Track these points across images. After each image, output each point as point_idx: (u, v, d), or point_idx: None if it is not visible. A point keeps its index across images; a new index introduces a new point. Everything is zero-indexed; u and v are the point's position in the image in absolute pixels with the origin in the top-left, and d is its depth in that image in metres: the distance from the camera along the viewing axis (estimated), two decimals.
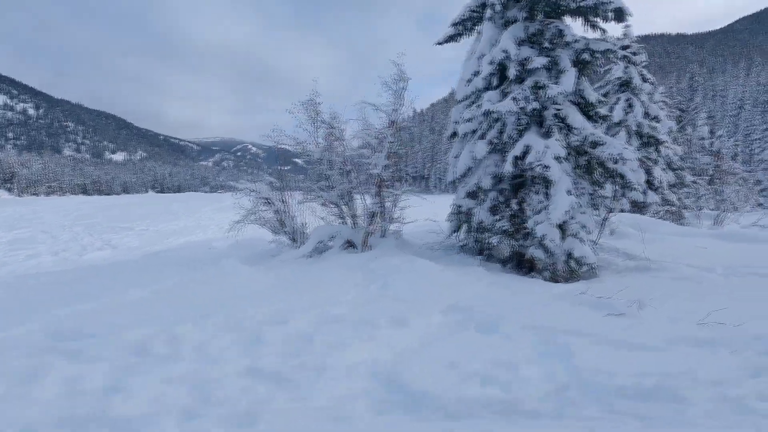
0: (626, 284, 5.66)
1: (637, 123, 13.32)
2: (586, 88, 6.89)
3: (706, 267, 6.60)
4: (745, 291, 5.01)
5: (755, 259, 7.18)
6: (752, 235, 9.37)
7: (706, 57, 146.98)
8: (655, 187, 13.34)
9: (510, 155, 6.64)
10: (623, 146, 6.32)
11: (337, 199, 8.24)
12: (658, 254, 7.93)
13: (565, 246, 6.48)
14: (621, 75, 13.67)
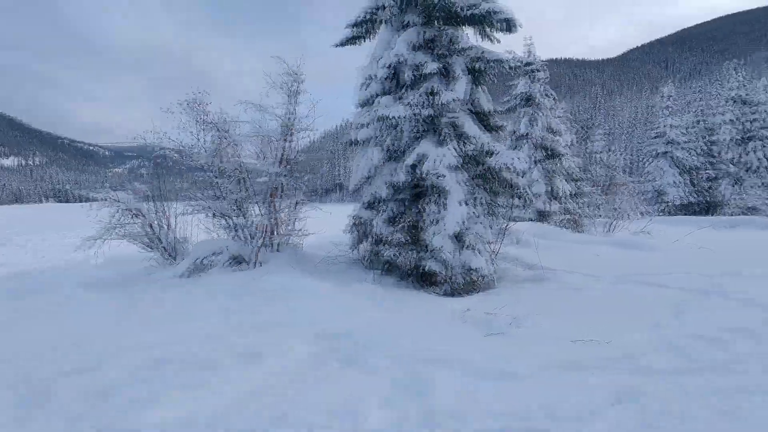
0: (518, 296, 5.52)
1: (540, 136, 13.99)
2: (481, 97, 6.81)
3: (596, 275, 6.76)
4: (626, 300, 5.05)
5: (641, 266, 7.55)
6: (640, 242, 10.02)
7: (606, 81, 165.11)
8: (557, 197, 14.06)
9: (405, 164, 6.32)
10: (514, 156, 6.27)
11: (228, 210, 7.37)
12: (557, 262, 8.08)
13: (462, 258, 6.26)
14: (525, 90, 14.32)
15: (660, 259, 7.96)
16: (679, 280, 5.94)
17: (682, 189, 21.01)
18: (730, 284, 5.65)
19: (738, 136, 21.72)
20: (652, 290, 5.49)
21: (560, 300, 5.10)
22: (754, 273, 6.39)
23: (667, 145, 21.41)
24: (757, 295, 5.10)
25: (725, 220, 15.07)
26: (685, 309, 4.56)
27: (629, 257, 8.22)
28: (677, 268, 6.98)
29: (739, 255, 8.23)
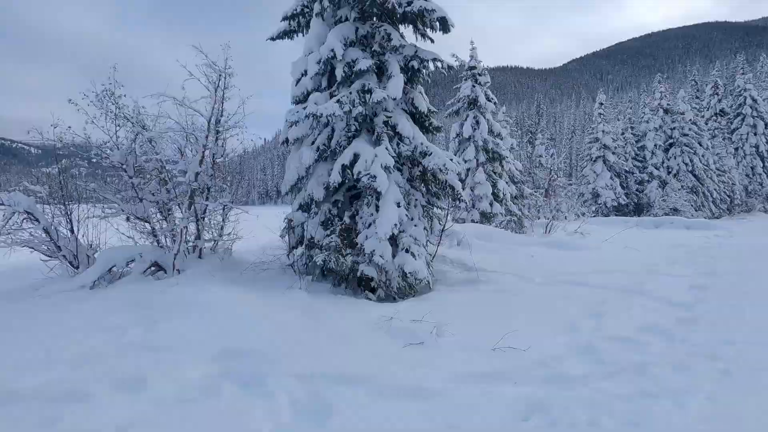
0: (450, 300, 5.41)
1: (483, 139, 14.24)
2: (417, 97, 6.67)
3: (528, 277, 6.82)
4: (552, 302, 5.07)
5: (572, 266, 7.74)
6: (572, 243, 10.37)
7: (548, 89, 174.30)
8: (499, 198, 14.36)
9: (338, 163, 6.03)
10: (448, 157, 6.18)
11: (146, 213, 6.70)
12: (494, 264, 8.12)
13: (398, 262, 6.07)
14: (469, 93, 14.53)
15: (589, 258, 8.23)
16: (603, 280, 6.10)
17: (614, 191, 22.40)
18: (650, 283, 5.87)
19: (662, 142, 23.50)
20: (578, 290, 5.58)
21: (490, 303, 5.03)
22: (671, 272, 6.70)
23: (601, 149, 22.74)
24: (674, 293, 5.30)
25: (651, 220, 16.16)
26: (606, 309, 4.62)
27: (562, 257, 8.44)
28: (604, 267, 7.22)
29: (660, 254, 8.70)
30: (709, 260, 7.98)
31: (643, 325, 4.00)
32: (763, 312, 4.57)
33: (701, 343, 3.66)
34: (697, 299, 5.09)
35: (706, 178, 23.39)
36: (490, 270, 7.53)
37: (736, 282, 6.07)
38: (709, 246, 10.02)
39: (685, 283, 5.89)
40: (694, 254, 8.69)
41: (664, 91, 24.22)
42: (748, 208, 25.97)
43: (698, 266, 7.18)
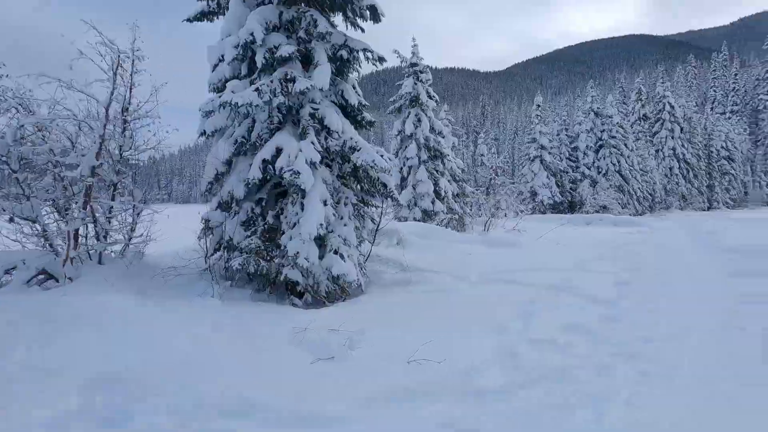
0: (379, 303, 5.12)
1: (424, 137, 14.18)
2: (347, 89, 6.30)
3: (462, 276, 6.69)
4: (482, 302, 4.92)
5: (506, 263, 7.74)
6: (509, 240, 10.50)
7: (493, 91, 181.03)
8: (441, 196, 14.38)
9: (258, 158, 5.52)
10: (377, 152, 5.87)
11: (35, 213, 5.78)
12: (432, 263, 7.96)
13: (325, 264, 5.67)
14: (410, 90, 14.41)
15: (523, 256, 8.31)
16: (535, 277, 6.09)
17: (550, 190, 23.46)
18: (578, 279, 5.92)
19: (593, 143, 24.97)
20: (510, 289, 5.50)
21: (420, 305, 4.79)
22: (598, 268, 6.85)
23: (538, 150, 23.72)
24: (599, 290, 5.35)
25: (582, 217, 17.01)
26: (535, 309, 4.53)
27: (498, 255, 8.46)
28: (536, 264, 7.27)
29: (589, 250, 9.00)
30: (632, 256, 8.34)
31: (568, 325, 3.92)
32: (677, 306, 4.69)
33: (623, 341, 3.62)
34: (621, 295, 5.17)
35: (631, 178, 25.15)
36: (427, 269, 7.35)
37: (656, 277, 6.30)
38: (633, 242, 10.57)
39: (610, 279, 6.02)
40: (619, 250, 9.08)
41: (595, 95, 25.74)
42: (666, 205, 28.31)
43: (623, 262, 7.45)
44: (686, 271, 6.74)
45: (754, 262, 7.05)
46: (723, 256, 7.91)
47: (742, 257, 7.58)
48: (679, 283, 5.88)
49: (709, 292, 5.26)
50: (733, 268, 6.71)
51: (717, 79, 56.20)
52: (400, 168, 14.61)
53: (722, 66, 59.93)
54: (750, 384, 2.84)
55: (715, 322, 4.10)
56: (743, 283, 5.60)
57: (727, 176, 32.58)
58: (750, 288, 5.29)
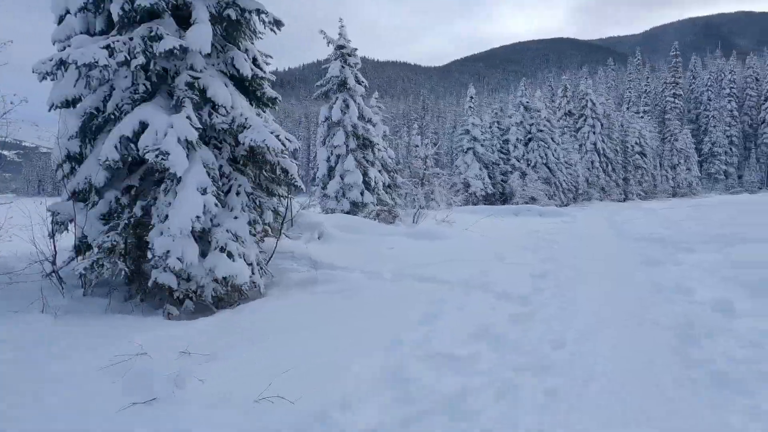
0: (269, 310, 4.33)
1: (353, 124, 13.42)
2: (238, 57, 5.34)
3: (378, 272, 6.08)
4: (387, 303, 4.30)
5: (426, 257, 7.24)
6: (435, 232, 10.10)
7: (434, 86, 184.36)
8: (371, 187, 13.74)
9: (114, 135, 4.45)
10: (273, 132, 5.02)
11: None
12: (349, 258, 7.27)
13: (208, 264, 4.75)
14: (337, 74, 13.55)
15: (447, 248, 7.90)
16: (452, 272, 5.62)
17: (483, 181, 23.84)
18: (495, 272, 5.53)
19: (523, 137, 25.74)
20: (423, 287, 4.95)
21: (315, 311, 4.08)
22: (517, 259, 6.55)
23: (471, 141, 23.97)
24: (514, 284, 4.95)
25: (511, 208, 17.30)
26: (444, 310, 3.99)
27: (421, 248, 7.98)
28: (457, 257, 6.85)
29: (511, 241, 8.82)
30: (552, 246, 8.24)
31: (475, 329, 3.41)
32: (591, 299, 4.40)
33: (532, 348, 3.15)
34: (535, 289, 4.82)
35: (557, 170, 26.30)
36: (341, 266, 6.66)
37: (572, 267, 6.10)
38: (555, 231, 10.65)
39: (527, 271, 5.71)
40: (541, 240, 9.00)
41: (524, 89, 26.50)
42: (588, 196, 30.09)
43: (542, 252, 7.26)
44: (602, 260, 6.65)
45: (660, 250, 7.15)
46: (635, 245, 8.03)
47: (650, 245, 7.72)
48: (595, 273, 5.69)
49: (623, 282, 5.08)
50: (643, 256, 6.73)
51: (632, 82, 61.28)
52: (327, 157, 13.75)
53: (636, 70, 65.50)
54: (667, 400, 2.45)
55: (628, 315, 3.80)
56: (653, 272, 5.51)
57: (640, 170, 35.38)
58: (659, 277, 5.18)
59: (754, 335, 3.06)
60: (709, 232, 7.64)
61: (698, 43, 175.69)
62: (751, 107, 58.95)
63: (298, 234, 9.88)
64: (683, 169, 42.26)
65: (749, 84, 59.76)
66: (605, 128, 31.25)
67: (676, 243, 7.32)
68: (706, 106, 56.22)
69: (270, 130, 5.09)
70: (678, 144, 42.42)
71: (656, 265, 5.97)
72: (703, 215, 11.26)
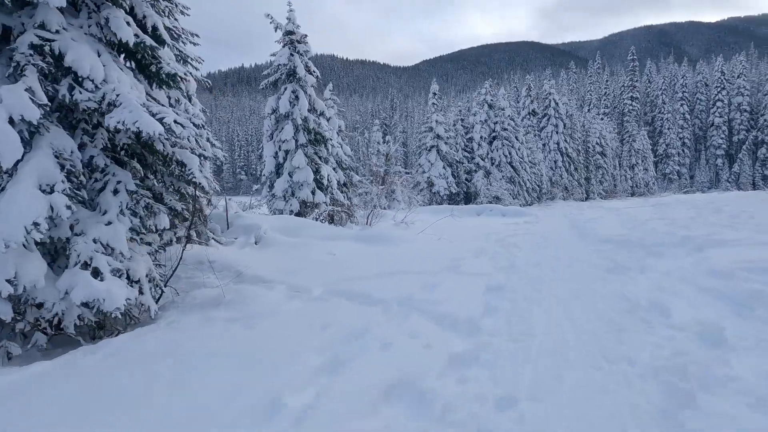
0: (139, 349, 3.22)
1: (303, 117, 12.29)
2: (116, 17, 4.17)
3: (305, 287, 5.06)
4: (296, 337, 3.29)
5: (371, 265, 6.30)
6: (389, 236, 9.18)
7: (402, 86, 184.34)
8: (324, 186, 12.67)
9: None
10: (154, 112, 3.90)
11: None
12: (279, 268, 6.22)
13: (63, 284, 3.59)
14: (285, 62, 12.39)
15: (396, 255, 6.98)
16: (392, 287, 4.68)
17: (446, 180, 23.19)
18: (443, 286, 4.63)
19: (487, 135, 25.30)
20: (347, 309, 3.99)
21: (192, 354, 3.00)
22: (472, 268, 5.70)
23: (434, 139, 23.28)
24: (463, 303, 4.05)
25: (473, 208, 16.65)
26: (361, 348, 3.04)
27: (366, 255, 7.02)
28: (405, 266, 5.93)
29: (470, 244, 8.01)
30: (513, 250, 7.48)
31: (395, 382, 2.47)
32: (551, 324, 3.56)
33: (470, 413, 2.23)
34: (488, 309, 3.94)
35: (521, 170, 26.05)
36: (268, 279, 5.60)
37: (532, 277, 5.30)
38: (517, 233, 9.96)
39: (482, 284, 4.84)
40: (501, 243, 8.24)
41: (489, 87, 26.08)
42: (552, 195, 30.14)
43: (500, 259, 6.45)
44: (565, 267, 5.91)
45: (627, 254, 6.49)
46: (599, 247, 7.39)
47: (615, 248, 7.08)
48: (557, 285, 4.90)
49: (589, 298, 4.29)
50: (610, 261, 6.05)
51: (592, 84, 63.09)
52: (274, 153, 12.56)
53: (596, 73, 67.55)
54: None
55: (598, 350, 2.97)
56: (622, 283, 4.78)
57: (601, 170, 35.98)
58: (629, 289, 4.44)
59: (762, 385, 2.27)
60: (677, 233, 7.09)
61: (653, 49, 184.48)
62: (701, 111, 61.90)
63: (233, 238, 8.72)
64: (641, 169, 43.52)
65: (699, 89, 62.76)
66: (568, 128, 31.43)
67: (644, 246, 6.70)
68: (661, 109, 58.47)
69: (154, 111, 3.96)
70: (636, 145, 43.63)
71: (624, 273, 5.26)
72: (667, 214, 10.91)
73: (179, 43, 7.47)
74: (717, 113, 58.42)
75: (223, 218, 9.36)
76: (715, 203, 13.45)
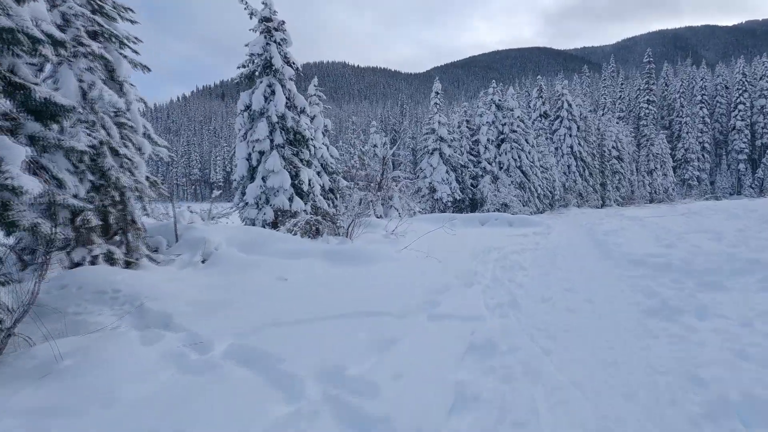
0: None
1: (279, 114, 10.82)
2: None
3: (209, 337, 3.52)
4: None
5: (327, 299, 4.71)
6: (366, 252, 7.61)
7: (413, 92, 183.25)
8: (304, 192, 11.16)
9: None
10: None
11: None
12: (205, 301, 4.69)
13: None
14: (260, 52, 10.97)
15: (363, 280, 5.39)
16: (315, 349, 3.09)
17: (450, 186, 21.50)
18: (397, 348, 3.02)
19: (494, 137, 23.59)
20: (233, 391, 2.39)
21: None
22: (458, 307, 4.08)
23: (437, 141, 21.65)
24: (414, 395, 2.44)
25: (477, 216, 14.98)
26: None
27: (327, 280, 5.46)
28: (367, 303, 4.32)
29: (463, 265, 6.37)
30: (516, 274, 5.84)
31: None
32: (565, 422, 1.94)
33: None
34: (462, 403, 2.32)
35: (532, 174, 24.25)
36: (170, 320, 4.11)
37: (538, 326, 3.67)
38: (523, 249, 8.27)
39: (464, 337, 3.24)
40: (501, 263, 6.61)
41: (496, 86, 24.42)
42: (565, 202, 28.22)
43: (498, 290, 4.82)
44: (585, 306, 4.24)
45: (671, 286, 4.80)
46: (629, 272, 5.71)
47: (653, 274, 5.39)
48: (575, 338, 3.27)
49: (627, 376, 2.65)
50: (647, 296, 4.38)
51: (606, 88, 60.90)
52: (247, 155, 11.10)
53: (611, 77, 65.40)
54: None
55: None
56: (672, 343, 3.12)
57: (617, 175, 33.90)
58: (686, 358, 2.80)
59: None
60: (735, 254, 5.36)
61: (668, 53, 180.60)
62: (721, 114, 59.30)
63: (175, 256, 7.23)
64: (660, 175, 41.23)
65: (719, 92, 60.21)
66: (582, 131, 29.53)
67: (692, 272, 5.00)
68: (679, 112, 56.08)
69: None
70: (654, 149, 41.40)
71: (675, 319, 3.59)
72: (706, 226, 9.11)
73: (99, 15, 6.03)
74: (739, 116, 55.82)
75: (172, 230, 7.90)
76: (758, 211, 11.55)
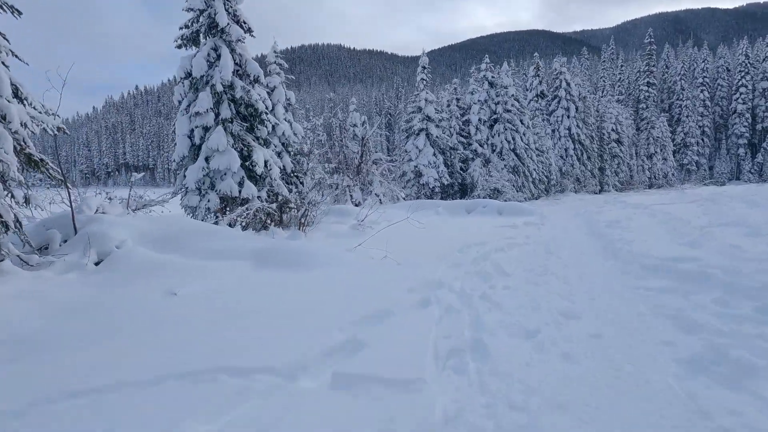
0: None
1: (226, 83, 9.12)
2: None
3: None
4: None
5: (208, 331, 3.19)
6: (307, 253, 6.10)
7: (411, 75, 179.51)
8: (257, 176, 9.54)
9: None
10: None
11: None
12: (45, 326, 3.18)
13: None
14: (203, 7, 9.21)
15: (282, 295, 3.85)
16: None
17: (437, 170, 19.83)
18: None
19: (487, 117, 21.88)
20: None
21: None
22: (380, 356, 2.54)
23: (423, 121, 19.89)
24: None
25: (463, 203, 13.44)
26: None
27: (231, 297, 3.92)
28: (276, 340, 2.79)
29: (426, 270, 4.82)
30: (493, 285, 4.33)
31: None
32: None
33: None
34: None
35: (526, 158, 22.64)
36: None
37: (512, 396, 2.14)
38: (509, 245, 6.75)
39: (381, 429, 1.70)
40: (478, 267, 5.09)
41: (489, 62, 22.58)
42: (562, 188, 26.69)
43: (461, 317, 3.29)
44: (592, 353, 2.72)
45: (715, 310, 3.30)
46: (647, 284, 4.22)
47: (683, 288, 3.89)
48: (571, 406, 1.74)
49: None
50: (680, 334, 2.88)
51: (606, 71, 58.82)
52: (189, 131, 9.42)
53: (610, 59, 63.18)
54: None
55: None
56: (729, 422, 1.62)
57: (616, 159, 32.34)
58: None
59: None
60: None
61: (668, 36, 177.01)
62: (722, 98, 57.54)
63: (62, 255, 5.66)
64: (659, 159, 39.72)
65: (721, 74, 58.35)
66: (580, 112, 27.82)
67: (742, 287, 3.50)
68: (680, 95, 54.25)
69: None
70: (655, 132, 39.78)
71: (737, 389, 2.09)
72: (730, 216, 7.60)
73: None
74: (740, 99, 54.09)
75: (70, 222, 6.32)
76: None
